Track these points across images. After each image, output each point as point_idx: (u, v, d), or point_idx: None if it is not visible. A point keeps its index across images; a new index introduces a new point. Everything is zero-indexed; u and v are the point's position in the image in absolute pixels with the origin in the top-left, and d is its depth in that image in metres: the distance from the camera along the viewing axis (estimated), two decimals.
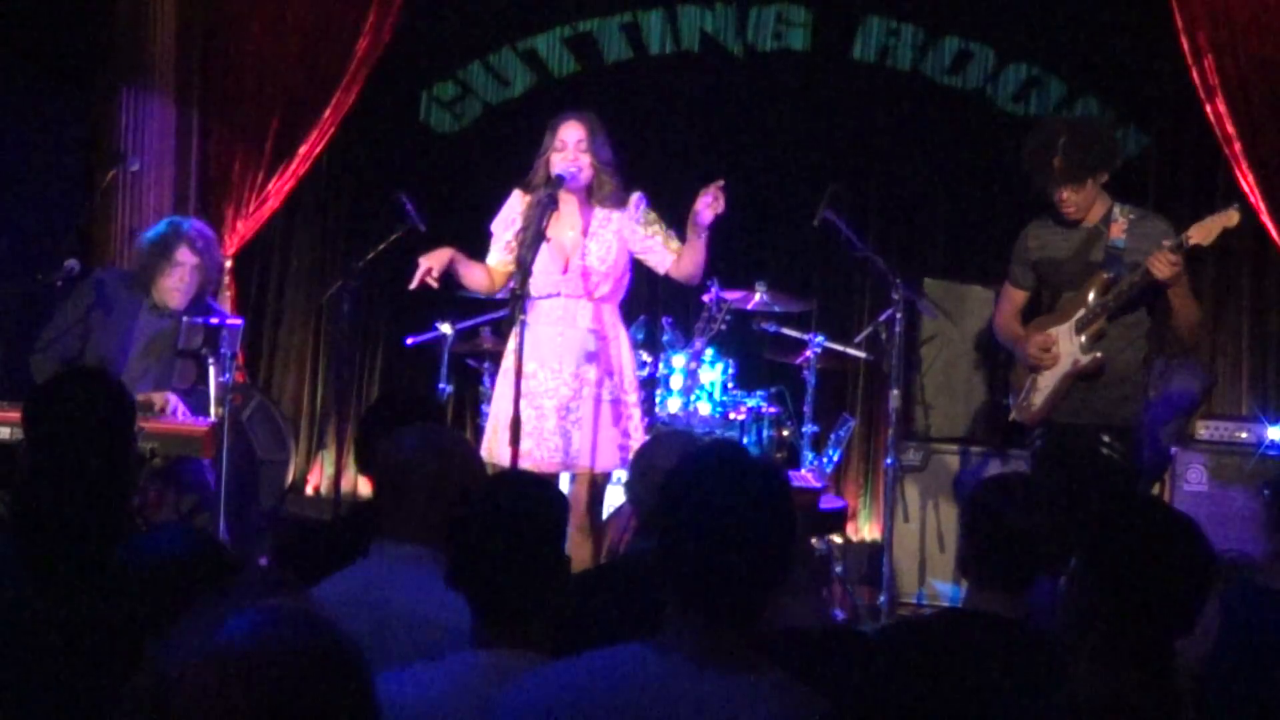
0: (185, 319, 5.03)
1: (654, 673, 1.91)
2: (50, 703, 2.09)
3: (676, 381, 5.87)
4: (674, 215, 4.85)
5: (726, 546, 1.91)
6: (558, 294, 4.70)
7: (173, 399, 5.04)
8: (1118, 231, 4.66)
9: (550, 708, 1.91)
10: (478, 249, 4.82)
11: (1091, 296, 4.67)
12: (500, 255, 4.87)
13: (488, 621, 2.21)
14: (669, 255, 4.78)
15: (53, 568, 2.45)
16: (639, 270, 4.96)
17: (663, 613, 1.96)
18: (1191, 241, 4.48)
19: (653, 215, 4.81)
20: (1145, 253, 4.57)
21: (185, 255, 5.15)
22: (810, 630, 2.68)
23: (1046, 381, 4.76)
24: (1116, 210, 4.71)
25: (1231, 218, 4.51)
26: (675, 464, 2.04)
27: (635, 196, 4.80)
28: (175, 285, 5.16)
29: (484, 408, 5.85)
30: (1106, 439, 4.66)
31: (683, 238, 4.74)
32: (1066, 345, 4.71)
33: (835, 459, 6.29)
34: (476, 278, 4.89)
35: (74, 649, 1.99)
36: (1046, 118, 6.38)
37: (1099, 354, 4.65)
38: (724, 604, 1.93)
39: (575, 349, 4.71)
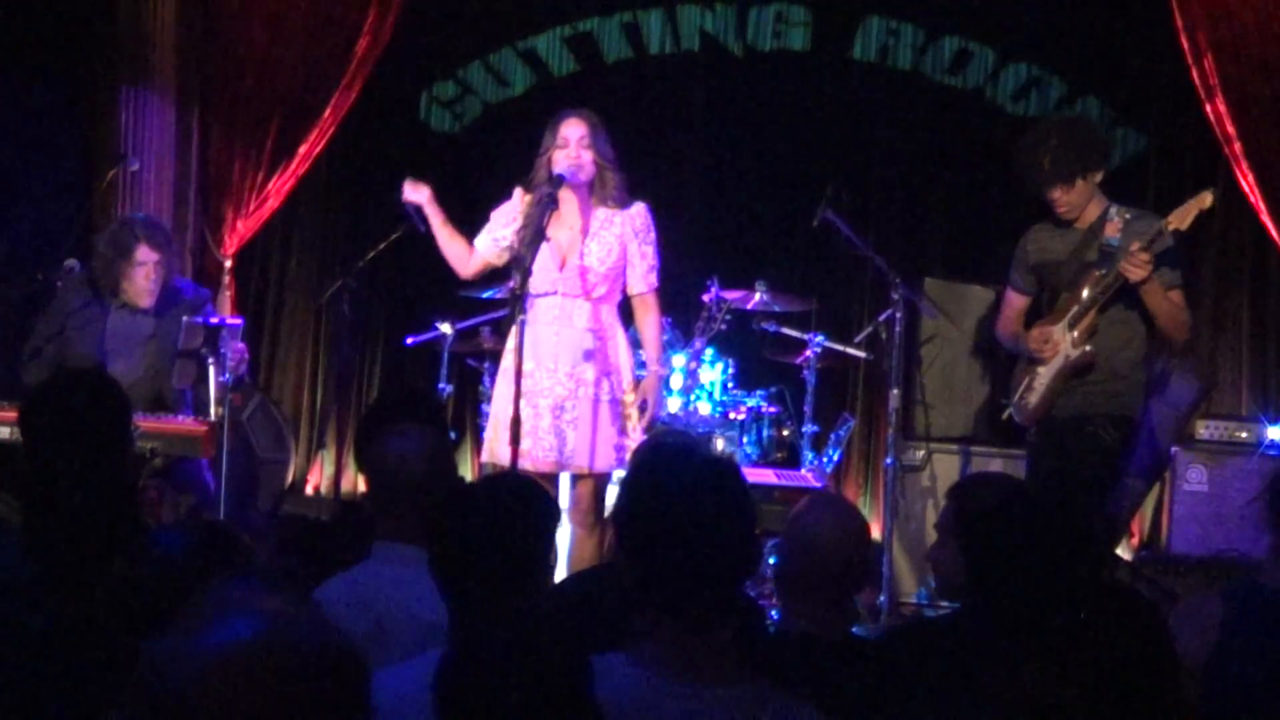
0: (185, 319, 5.03)
1: (631, 685, 1.87)
2: (53, 702, 2.09)
3: (676, 381, 5.87)
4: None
5: (688, 540, 1.88)
6: (554, 292, 4.69)
7: None
8: (1112, 230, 4.69)
9: None
10: None
11: (1085, 293, 4.71)
12: (487, 243, 4.83)
13: (463, 620, 2.22)
14: (640, 284, 4.79)
15: (61, 568, 2.45)
16: None
17: (634, 623, 1.93)
18: (1170, 226, 4.56)
19: (651, 236, 4.79)
20: None
21: (146, 254, 5.12)
22: (811, 637, 2.68)
23: (1041, 380, 4.81)
24: (1113, 211, 4.75)
25: (1204, 200, 4.58)
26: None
27: (641, 206, 4.78)
28: (144, 286, 5.13)
29: (484, 408, 5.85)
30: (1102, 425, 4.69)
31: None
32: (1061, 341, 4.76)
33: (835, 459, 6.29)
34: (455, 248, 4.85)
35: (79, 648, 1.99)
36: (1038, 120, 6.21)
37: (1089, 348, 4.69)
38: (693, 605, 1.90)
39: (571, 348, 4.70)
